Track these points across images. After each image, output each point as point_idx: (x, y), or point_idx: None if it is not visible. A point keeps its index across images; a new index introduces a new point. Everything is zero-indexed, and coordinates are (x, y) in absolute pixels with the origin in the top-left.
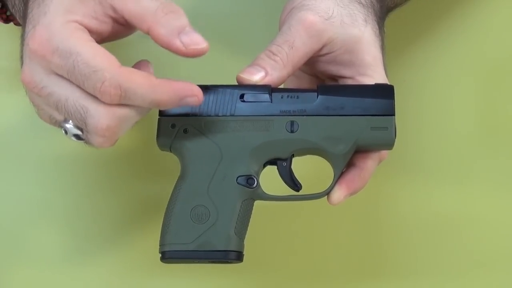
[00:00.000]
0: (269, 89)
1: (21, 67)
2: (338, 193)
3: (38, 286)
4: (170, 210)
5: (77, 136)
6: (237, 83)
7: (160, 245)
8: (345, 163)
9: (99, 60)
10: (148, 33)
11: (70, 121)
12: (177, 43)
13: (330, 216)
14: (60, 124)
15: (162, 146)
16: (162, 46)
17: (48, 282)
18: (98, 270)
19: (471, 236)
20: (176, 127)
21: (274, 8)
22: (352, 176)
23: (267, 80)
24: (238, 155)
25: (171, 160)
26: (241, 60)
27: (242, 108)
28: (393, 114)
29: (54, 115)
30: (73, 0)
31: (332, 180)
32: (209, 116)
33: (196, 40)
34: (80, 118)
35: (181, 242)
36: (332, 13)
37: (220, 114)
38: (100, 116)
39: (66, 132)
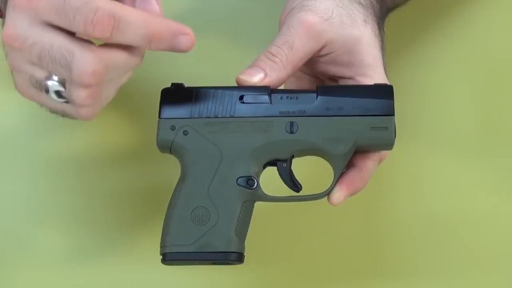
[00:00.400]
0: (269, 90)
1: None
2: (338, 194)
3: (39, 286)
4: (171, 211)
5: (59, 94)
6: (236, 85)
7: (161, 247)
8: (345, 164)
9: None
10: None
11: (53, 76)
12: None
13: (330, 217)
14: (41, 83)
15: (162, 148)
16: None
17: (48, 283)
18: (99, 271)
19: (471, 236)
20: (175, 128)
21: (274, 8)
22: (352, 176)
23: (267, 82)
24: (238, 156)
25: (172, 162)
26: (241, 60)
27: (241, 109)
28: (393, 114)
29: (35, 73)
30: None
31: (332, 181)
32: (209, 117)
33: (150, 3)
34: (65, 64)
35: (182, 243)
36: (332, 14)
37: (219, 116)
38: (87, 59)
39: (47, 91)
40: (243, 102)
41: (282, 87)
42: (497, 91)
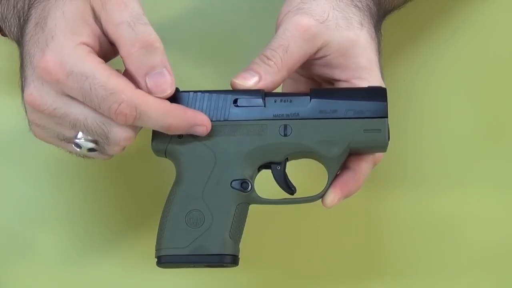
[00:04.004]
0: (262, 94)
1: (23, 88)
2: (332, 196)
3: (38, 286)
4: (166, 215)
5: (92, 149)
6: (231, 88)
7: (156, 250)
8: (339, 166)
9: (115, 82)
10: None
11: (81, 134)
12: (142, 85)
13: (324, 219)
14: (71, 140)
15: (157, 152)
16: None
17: (46, 283)
18: (95, 272)
19: (472, 236)
20: None
21: (272, 11)
22: (346, 178)
23: (261, 85)
24: (232, 159)
25: (167, 165)
26: (237, 64)
27: (235, 112)
28: (386, 116)
29: (65, 133)
30: (77, 21)
31: (326, 183)
32: None
33: (161, 86)
34: (101, 133)
35: (177, 246)
36: (328, 17)
37: (214, 119)
38: (122, 130)
39: (78, 147)
40: (237, 106)
41: (278, 89)
42: (496, 93)
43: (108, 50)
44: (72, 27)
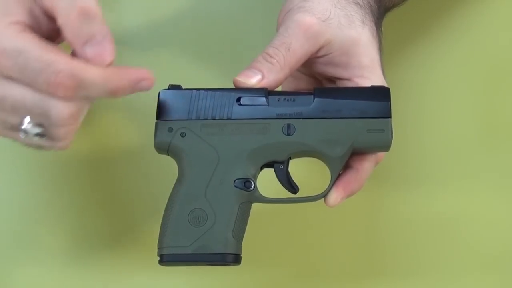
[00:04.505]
0: (266, 92)
1: None
2: (335, 195)
3: (38, 286)
4: (168, 213)
5: (38, 134)
6: (234, 86)
7: (158, 248)
8: (342, 166)
9: (51, 54)
10: None
11: (27, 120)
12: (81, 53)
13: (327, 218)
14: (17, 128)
15: (159, 150)
16: None
17: (46, 282)
18: (96, 271)
19: (472, 236)
20: (173, 130)
21: (273, 9)
22: (349, 178)
23: (264, 83)
24: (235, 158)
25: (170, 163)
26: (239, 62)
27: (238, 111)
28: (389, 117)
29: (9, 119)
30: (11, 2)
31: (329, 183)
32: (206, 119)
33: (101, 56)
34: (42, 112)
35: (179, 245)
36: (329, 15)
37: (217, 118)
38: (62, 105)
39: (26, 133)
40: (240, 104)
41: (279, 87)
42: (497, 91)
43: (50, 31)
44: (5, 8)
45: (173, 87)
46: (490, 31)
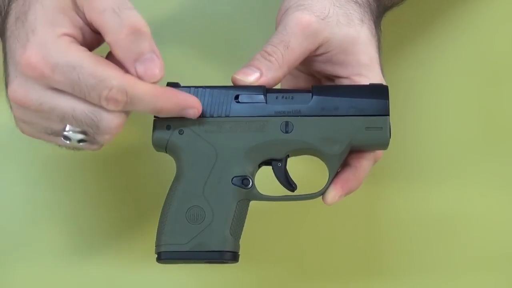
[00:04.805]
0: (264, 90)
1: (7, 84)
2: (333, 193)
3: (38, 285)
4: (166, 211)
5: (82, 140)
6: (232, 84)
7: (156, 246)
8: (340, 163)
9: (103, 69)
10: None
11: (69, 127)
12: (132, 71)
13: (325, 216)
14: (59, 133)
15: (157, 147)
16: None
17: (47, 282)
18: (94, 269)
19: (471, 236)
20: (171, 128)
21: (272, 8)
22: (347, 176)
23: (262, 81)
24: (233, 156)
25: (168, 161)
26: (239, 59)
27: (237, 109)
28: (388, 114)
29: (53, 127)
30: (56, 13)
31: (327, 181)
32: (204, 117)
33: (151, 72)
34: (91, 123)
35: (177, 242)
36: (328, 13)
37: (215, 115)
38: (112, 118)
39: (68, 139)
40: (239, 102)
41: (278, 85)
42: (496, 91)
43: (92, 40)
44: (52, 19)
45: (171, 85)
46: (489, 30)
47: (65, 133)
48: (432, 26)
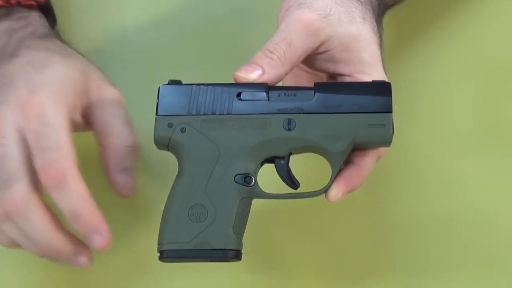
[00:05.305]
0: (266, 87)
1: None
2: (336, 191)
3: (38, 285)
4: (168, 209)
5: None
6: (234, 82)
7: (158, 244)
8: (343, 161)
9: (67, 148)
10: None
11: None
12: (113, 177)
13: (328, 214)
14: None
15: (159, 145)
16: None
17: (47, 282)
18: (97, 268)
19: (473, 236)
20: (173, 126)
21: (273, 7)
22: (350, 173)
23: (264, 78)
24: (236, 153)
25: (170, 159)
26: (239, 58)
27: (239, 106)
28: (391, 111)
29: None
30: (68, 87)
31: (329, 178)
32: (206, 114)
33: (128, 185)
34: (4, 177)
35: (179, 241)
36: (330, 11)
37: (217, 113)
38: (24, 186)
39: None
40: (241, 99)
41: (280, 83)
42: (497, 90)
43: (78, 124)
44: (64, 89)
45: (173, 82)
46: (490, 30)
47: None
48: (433, 25)
